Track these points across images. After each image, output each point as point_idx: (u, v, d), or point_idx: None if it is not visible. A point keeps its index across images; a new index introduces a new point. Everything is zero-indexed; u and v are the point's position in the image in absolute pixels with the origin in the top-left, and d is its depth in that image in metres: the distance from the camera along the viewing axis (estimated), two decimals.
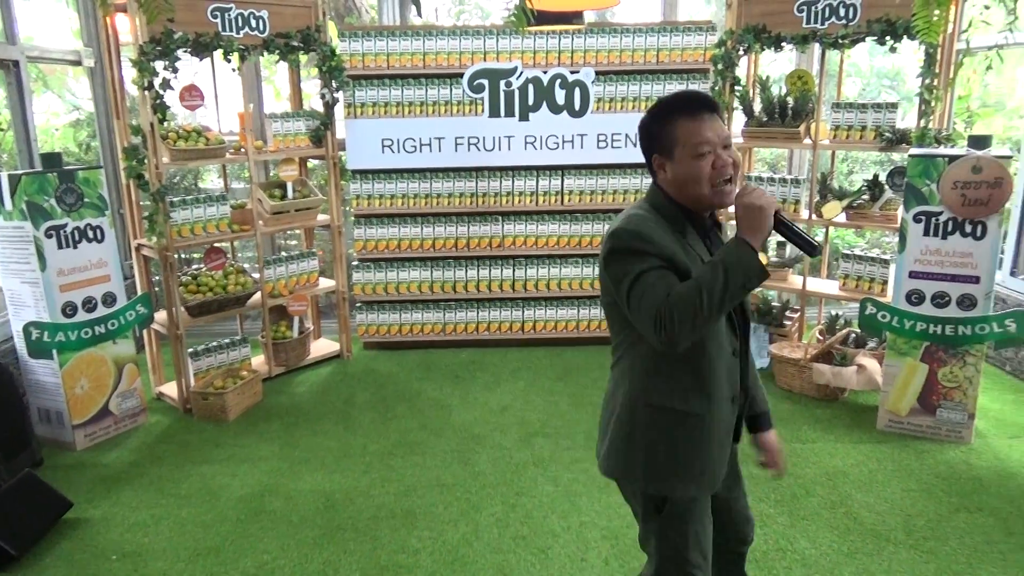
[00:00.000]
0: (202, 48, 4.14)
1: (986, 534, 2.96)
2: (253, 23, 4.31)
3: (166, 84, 3.98)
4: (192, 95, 4.21)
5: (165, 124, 4.09)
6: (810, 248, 1.70)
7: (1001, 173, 3.44)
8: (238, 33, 4.25)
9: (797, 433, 3.84)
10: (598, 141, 4.92)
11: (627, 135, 4.90)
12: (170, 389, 4.44)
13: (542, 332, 5.18)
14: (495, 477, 3.47)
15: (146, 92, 3.92)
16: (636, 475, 1.84)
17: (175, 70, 4.00)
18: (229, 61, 4.26)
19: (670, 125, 1.74)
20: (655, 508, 1.86)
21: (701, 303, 1.56)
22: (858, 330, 4.32)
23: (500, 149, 4.94)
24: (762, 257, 1.59)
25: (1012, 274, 4.67)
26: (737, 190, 1.70)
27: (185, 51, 4.08)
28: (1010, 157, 3.53)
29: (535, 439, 3.84)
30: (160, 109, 3.98)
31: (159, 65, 3.97)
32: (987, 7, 3.44)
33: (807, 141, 4.54)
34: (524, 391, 4.45)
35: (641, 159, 1.85)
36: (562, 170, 4.98)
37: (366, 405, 4.31)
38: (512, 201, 5.02)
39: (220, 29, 4.18)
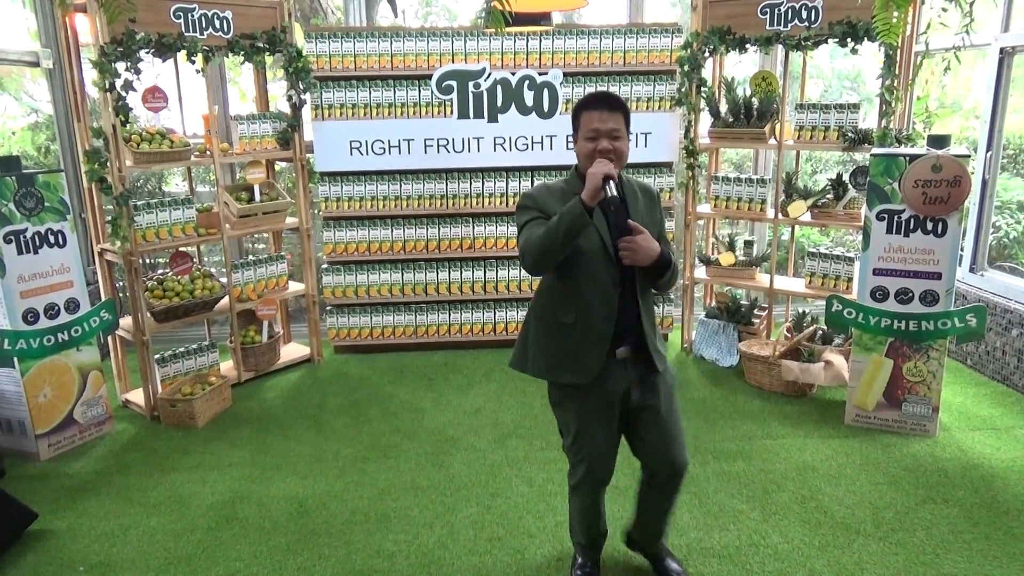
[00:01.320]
0: (165, 49, 4.07)
1: (952, 524, 3.03)
2: (217, 24, 4.25)
3: (128, 86, 3.90)
4: (155, 97, 4.14)
5: (128, 126, 4.01)
6: (610, 201, 2.16)
7: (960, 172, 3.53)
8: (202, 34, 4.19)
9: (767, 429, 3.90)
10: (567, 142, 4.94)
11: None
12: (137, 396, 4.35)
13: (514, 333, 5.18)
14: (470, 479, 3.46)
15: (108, 94, 3.85)
16: (528, 368, 2.49)
17: (137, 71, 3.93)
18: (193, 62, 4.19)
19: (579, 113, 2.34)
20: (550, 395, 2.52)
21: (545, 240, 2.19)
22: (825, 327, 4.40)
23: (469, 151, 4.93)
24: (728, 257, 2.11)
25: (971, 270, 4.79)
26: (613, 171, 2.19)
27: (147, 52, 4.02)
28: (968, 156, 3.63)
29: (509, 440, 3.84)
30: (122, 111, 3.91)
31: (121, 66, 3.89)
32: (944, 10, 3.53)
33: (772, 141, 4.61)
34: (497, 392, 4.44)
35: None
36: (532, 171, 4.99)
37: (338, 409, 4.27)
38: (482, 202, 5.02)
39: (183, 30, 4.11)
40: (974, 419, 3.98)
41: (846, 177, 4.54)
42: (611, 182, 2.14)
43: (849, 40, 4.26)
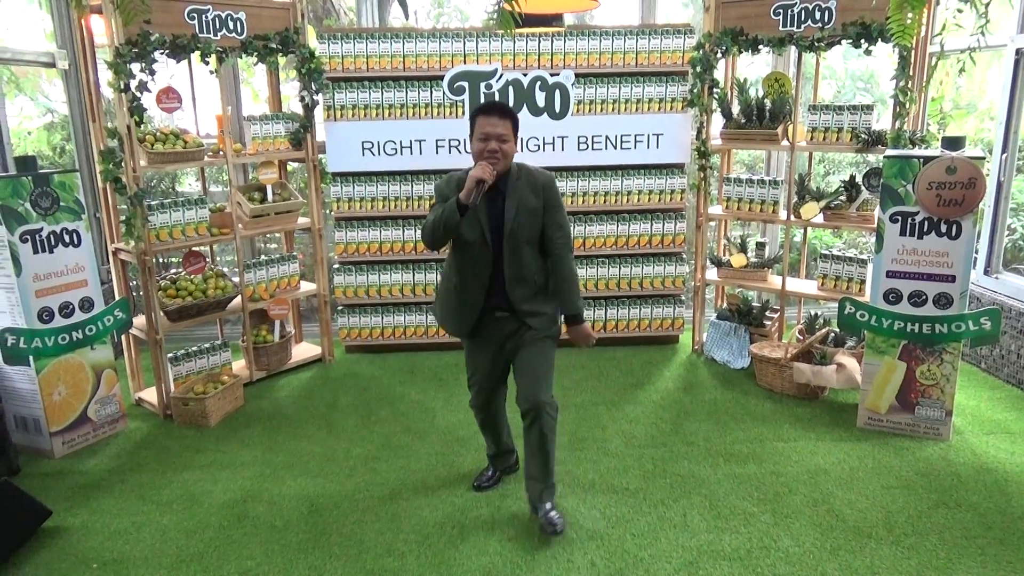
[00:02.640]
0: (179, 50, 4.10)
1: (965, 529, 3.00)
2: (231, 25, 4.28)
3: (143, 86, 3.93)
4: (169, 97, 4.17)
5: (142, 127, 4.04)
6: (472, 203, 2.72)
7: (975, 174, 3.51)
8: (215, 35, 4.22)
9: (778, 432, 3.88)
10: (579, 143, 4.94)
11: (607, 137, 4.92)
12: (150, 395, 4.38)
13: None
14: None
15: (122, 94, 3.88)
16: (436, 315, 3.21)
17: (152, 72, 3.96)
18: (207, 63, 4.22)
19: (475, 118, 2.83)
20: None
21: (431, 226, 2.83)
22: (837, 329, 4.38)
23: None
24: (740, 259, 2.51)
25: (986, 273, 4.76)
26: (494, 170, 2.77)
27: (162, 53, 4.04)
28: (983, 158, 3.60)
29: (519, 441, 3.82)
30: (137, 112, 3.94)
31: (135, 67, 3.92)
32: (959, 11, 3.50)
33: (785, 143, 4.59)
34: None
35: (622, 161, 2.55)
36: None
37: (349, 409, 4.29)
38: None
39: (197, 31, 4.14)
40: (988, 423, 3.95)
41: (859, 179, 4.51)
42: (482, 186, 2.70)
43: (863, 41, 4.24)
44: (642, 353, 5.05)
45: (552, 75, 4.84)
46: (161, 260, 5.56)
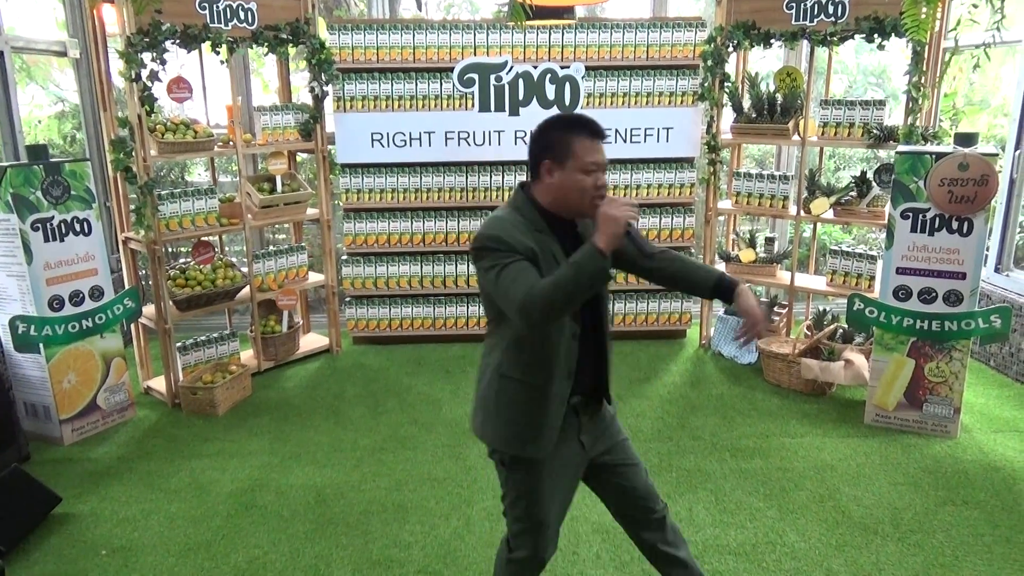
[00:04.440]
0: (190, 40, 4.10)
1: (972, 527, 3.00)
2: (242, 15, 4.28)
3: (154, 76, 3.94)
4: (180, 87, 4.18)
5: (153, 116, 4.05)
6: (650, 258, 2.03)
7: (987, 170, 3.48)
8: (226, 25, 4.22)
9: (786, 428, 3.88)
10: None
11: (617, 131, 4.90)
12: (158, 384, 4.41)
13: None
14: (486, 471, 3.47)
15: (133, 84, 3.89)
16: (488, 434, 2.12)
17: (163, 62, 3.97)
18: (217, 53, 4.22)
19: (569, 138, 1.94)
20: (501, 462, 2.13)
21: (556, 297, 1.81)
22: (846, 325, 4.36)
23: (490, 144, 4.93)
24: (748, 254, 1.75)
25: (996, 270, 4.73)
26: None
27: (173, 43, 4.05)
28: (996, 155, 3.57)
29: None
30: (148, 101, 3.95)
31: (147, 57, 3.93)
32: (975, 5, 3.47)
33: (795, 138, 4.57)
34: None
35: (632, 155, 2.03)
36: None
37: (356, 400, 4.30)
38: (502, 196, 5.02)
39: (208, 21, 4.14)
40: (996, 421, 3.93)
41: (870, 174, 4.49)
42: (634, 228, 1.91)
43: (876, 36, 4.21)
44: (649, 347, 5.04)
45: (562, 68, 4.83)
46: (170, 250, 5.58)
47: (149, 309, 4.37)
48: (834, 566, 2.77)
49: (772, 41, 4.52)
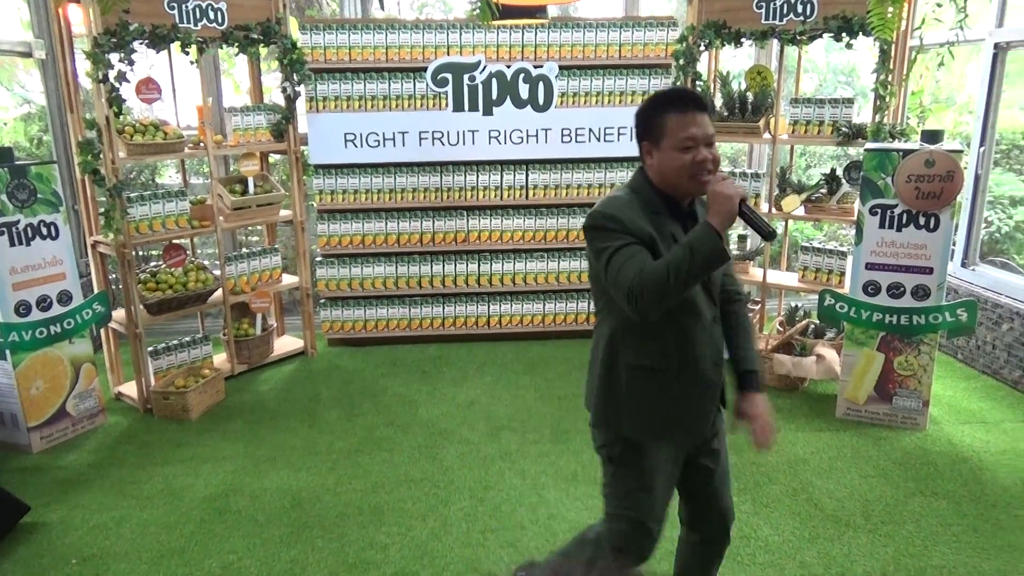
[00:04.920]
0: (159, 40, 4.05)
1: (940, 517, 3.05)
2: (211, 15, 4.24)
3: (122, 77, 3.89)
4: (149, 88, 4.12)
5: (121, 118, 3.99)
6: (766, 234, 1.83)
7: (953, 167, 3.55)
8: (196, 25, 4.17)
9: None
10: (562, 135, 4.94)
11: (591, 129, 4.92)
12: (129, 389, 4.35)
13: (508, 327, 5.19)
14: (463, 472, 3.48)
15: (101, 85, 3.83)
16: (623, 429, 2.00)
17: (131, 63, 3.91)
18: (187, 54, 4.18)
19: (661, 117, 1.89)
20: (610, 460, 2.05)
21: (669, 279, 1.74)
22: (817, 321, 4.42)
23: (464, 144, 4.93)
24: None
25: (963, 265, 4.81)
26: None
27: (141, 43, 3.99)
28: (961, 151, 3.64)
29: (502, 433, 3.85)
30: (116, 102, 3.89)
31: (114, 57, 3.87)
32: (939, 5, 3.54)
33: (766, 136, 4.62)
34: (491, 386, 4.45)
35: (605, 153, 2.02)
36: (527, 164, 4.99)
37: (331, 402, 4.28)
38: (477, 196, 5.02)
39: (177, 21, 4.09)
40: (964, 413, 4.01)
41: (839, 171, 4.54)
42: (747, 204, 1.80)
43: (844, 35, 4.26)
44: None
45: (536, 67, 4.84)
46: (141, 253, 5.51)
47: (119, 313, 4.31)
48: (807, 558, 2.81)
49: (743, 40, 4.55)
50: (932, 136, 3.70)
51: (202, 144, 4.37)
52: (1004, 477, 3.34)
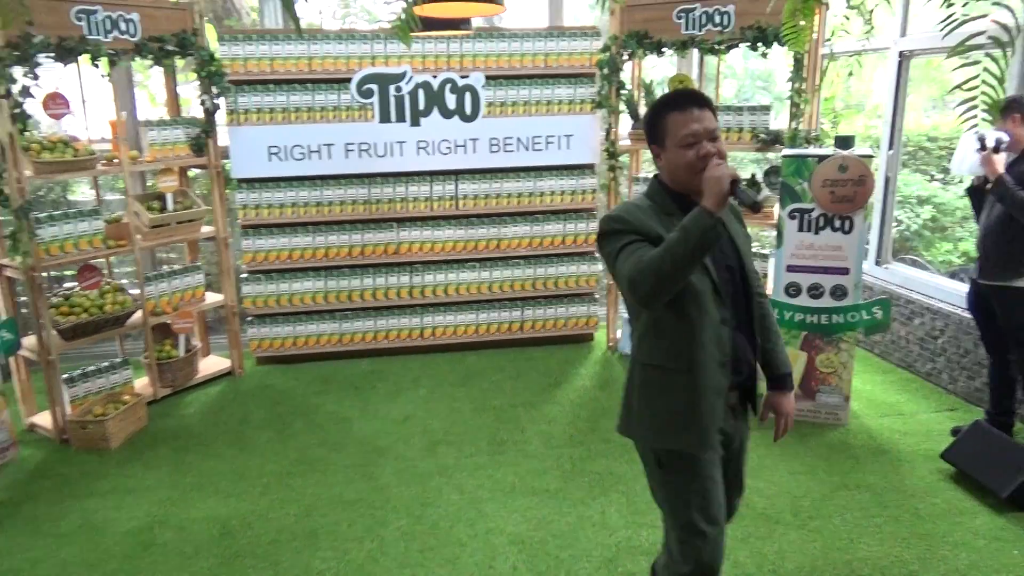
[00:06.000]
0: (66, 53, 3.88)
1: (864, 509, 3.17)
2: (123, 26, 4.08)
3: (26, 92, 3.71)
4: (57, 103, 3.94)
5: (27, 134, 3.80)
6: (751, 206, 1.87)
7: (864, 171, 3.70)
8: (106, 37, 4.01)
9: None
10: (490, 145, 4.94)
11: (519, 139, 4.94)
12: (44, 419, 4.13)
13: (442, 338, 5.15)
14: (399, 489, 3.43)
15: (3, 100, 3.63)
16: (635, 429, 2.07)
17: (35, 76, 3.73)
18: (97, 66, 4.00)
19: (663, 118, 1.96)
20: (656, 462, 2.06)
21: (665, 262, 1.79)
22: None
23: (392, 155, 4.87)
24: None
25: (877, 263, 5.03)
26: None
27: (47, 56, 3.81)
28: (872, 156, 3.80)
29: (439, 447, 3.82)
30: (20, 119, 3.71)
31: (18, 71, 3.68)
32: (847, 17, 3.68)
33: None
34: (426, 399, 4.41)
35: (534, 162, 2.15)
36: (456, 175, 4.97)
37: (261, 423, 4.16)
38: (407, 207, 4.97)
39: (86, 33, 3.92)
40: (882, 406, 4.18)
41: (759, 176, 4.68)
42: (738, 186, 1.81)
43: (760, 44, 4.40)
44: (559, 352, 5.10)
45: (462, 77, 4.83)
46: (52, 275, 5.26)
47: (30, 340, 4.09)
48: (740, 558, 2.88)
49: (664, 50, 4.66)
50: (844, 142, 3.85)
51: (116, 160, 4.19)
52: (921, 467, 3.49)
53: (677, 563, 2.06)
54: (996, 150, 3.25)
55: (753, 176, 4.73)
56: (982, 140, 3.25)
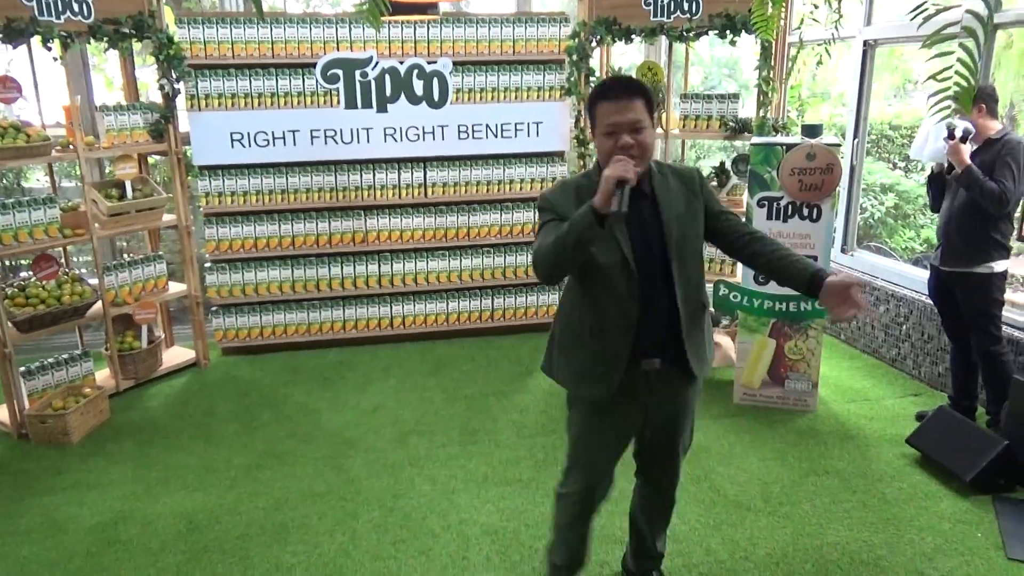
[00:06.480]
0: (15, 34, 3.74)
1: (833, 495, 3.22)
2: (75, 7, 3.94)
3: None
4: (7, 87, 3.80)
5: None
6: (614, 215, 1.91)
7: (832, 159, 3.73)
8: (58, 18, 3.87)
9: None
10: (459, 132, 4.88)
11: (487, 126, 4.89)
12: (0, 414, 4.00)
13: (411, 327, 5.11)
14: (370, 481, 3.39)
15: None
16: (554, 372, 2.32)
17: None
18: (49, 49, 3.86)
19: (595, 105, 2.08)
20: (567, 400, 2.35)
21: (551, 251, 2.00)
22: (713, 310, 4.56)
23: (359, 142, 4.79)
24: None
25: (842, 251, 5.09)
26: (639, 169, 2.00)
27: None
28: (839, 145, 3.83)
29: (410, 438, 3.78)
30: None
31: None
32: (816, 6, 3.70)
33: (659, 131, 4.72)
34: (396, 389, 4.37)
35: (503, 150, 2.33)
36: (424, 162, 4.91)
37: (228, 415, 4.08)
38: (374, 195, 4.89)
39: (36, 13, 3.78)
40: (849, 392, 4.25)
41: (728, 164, 4.71)
42: (624, 188, 1.89)
43: (728, 32, 4.41)
44: (530, 340, 5.08)
45: (429, 63, 4.75)
46: (8, 264, 5.09)
47: None
48: (713, 545, 2.90)
49: (633, 36, 4.64)
50: (811, 130, 3.88)
51: (71, 146, 4.05)
52: (887, 452, 3.56)
53: (561, 483, 2.40)
54: (964, 140, 3.29)
55: (722, 164, 4.75)
56: (951, 130, 3.29)
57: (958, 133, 3.28)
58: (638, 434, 2.35)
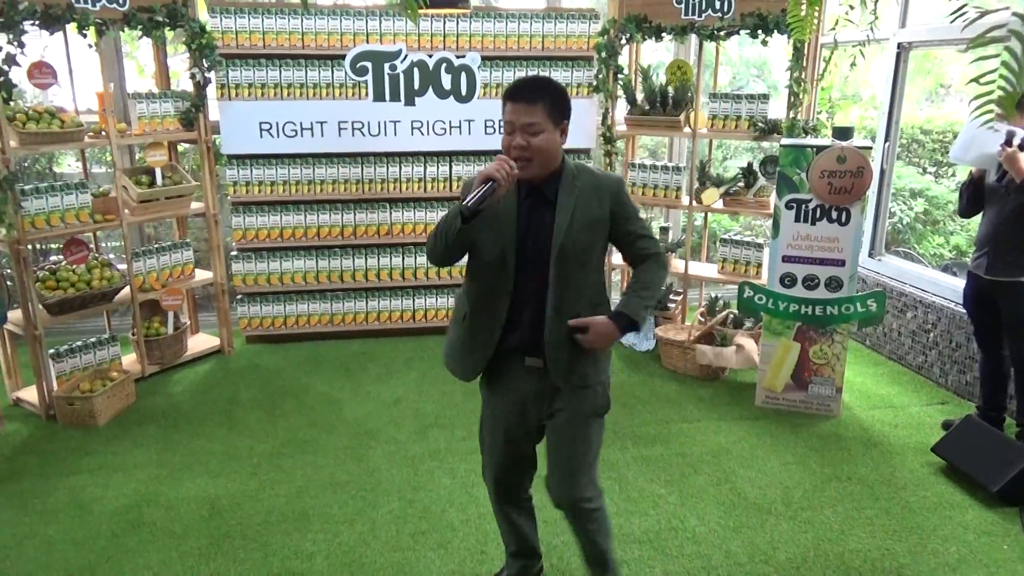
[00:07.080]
0: (52, 21, 3.77)
1: (856, 501, 3.18)
2: None
3: (11, 60, 3.61)
4: (42, 72, 3.84)
5: (12, 104, 3.71)
6: (462, 209, 2.02)
7: (863, 163, 3.69)
8: (94, 5, 3.90)
9: (683, 413, 4.00)
10: (486, 127, 4.88)
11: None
12: (30, 394, 4.07)
13: (433, 320, 5.12)
14: (391, 473, 3.41)
15: None
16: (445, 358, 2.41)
17: (21, 44, 3.63)
18: (84, 36, 3.90)
19: (504, 104, 2.12)
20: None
21: (434, 234, 2.15)
22: (736, 311, 4.54)
23: (386, 134, 4.81)
24: None
25: (870, 255, 5.03)
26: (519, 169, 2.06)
27: (32, 24, 3.71)
28: (870, 148, 3.79)
29: (430, 431, 3.79)
30: (5, 88, 3.62)
31: (2, 38, 3.58)
32: (851, 7, 3.65)
33: (687, 130, 4.69)
34: (417, 382, 4.38)
35: None
36: (450, 156, 4.91)
37: (251, 403, 4.12)
38: (400, 188, 4.91)
39: (73, 1, 3.82)
40: (874, 398, 4.20)
41: (756, 165, 4.67)
42: (490, 185, 1.97)
43: (760, 32, 4.36)
44: None
45: (458, 57, 4.76)
46: (40, 247, 5.17)
47: (16, 314, 4.02)
48: (733, 548, 2.88)
49: (663, 35, 4.61)
50: (843, 133, 3.83)
51: (104, 133, 4.10)
52: (911, 460, 3.51)
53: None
54: (1022, 148, 3.18)
55: (749, 165, 4.71)
56: (1010, 137, 3.17)
57: (1016, 141, 3.17)
58: (533, 436, 2.35)
